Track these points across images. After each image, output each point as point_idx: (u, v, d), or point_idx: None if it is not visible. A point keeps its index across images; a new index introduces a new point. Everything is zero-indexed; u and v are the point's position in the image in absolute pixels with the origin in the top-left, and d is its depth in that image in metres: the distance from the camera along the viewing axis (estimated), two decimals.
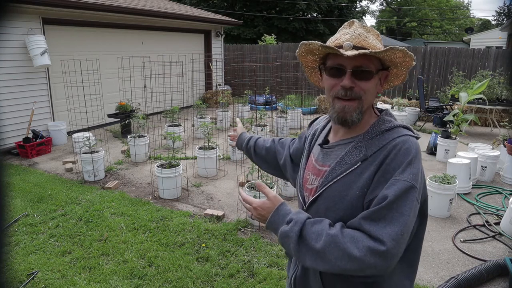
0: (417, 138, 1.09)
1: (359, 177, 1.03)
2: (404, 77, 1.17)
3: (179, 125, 6.94)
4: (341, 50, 1.02)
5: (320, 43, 1.06)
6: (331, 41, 1.11)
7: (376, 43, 1.07)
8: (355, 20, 1.12)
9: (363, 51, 1.00)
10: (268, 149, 1.55)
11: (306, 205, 1.17)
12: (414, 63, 1.09)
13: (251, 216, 1.15)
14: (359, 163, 1.05)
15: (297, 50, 1.17)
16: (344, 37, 1.06)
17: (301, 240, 1.01)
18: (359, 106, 1.07)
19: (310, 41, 1.09)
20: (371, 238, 0.94)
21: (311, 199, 1.14)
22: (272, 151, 1.54)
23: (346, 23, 1.14)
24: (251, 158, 1.65)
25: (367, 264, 0.92)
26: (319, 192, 1.11)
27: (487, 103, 7.57)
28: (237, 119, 1.92)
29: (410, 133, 1.08)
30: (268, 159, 1.56)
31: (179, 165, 4.57)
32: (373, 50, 1.02)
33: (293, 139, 1.52)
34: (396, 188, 0.96)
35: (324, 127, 1.28)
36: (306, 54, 1.17)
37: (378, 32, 1.12)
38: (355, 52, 1.00)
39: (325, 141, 1.21)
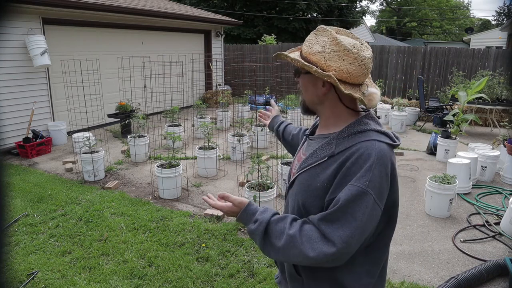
0: (394, 145, 1.15)
1: (323, 171, 1.13)
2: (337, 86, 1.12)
3: (179, 125, 6.94)
4: (284, 52, 1.22)
5: (287, 54, 1.22)
6: None
7: (316, 49, 1.14)
8: (323, 27, 1.19)
9: (279, 53, 1.23)
10: (294, 136, 1.72)
11: (288, 186, 1.31)
12: (297, 64, 1.17)
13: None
14: (326, 158, 1.14)
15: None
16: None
17: (266, 238, 1.15)
18: (302, 99, 1.27)
19: (280, 53, 1.24)
20: (325, 238, 1.05)
21: (290, 182, 1.30)
22: (297, 138, 1.70)
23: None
24: (279, 140, 1.84)
25: (320, 262, 1.06)
26: (294, 178, 1.25)
27: (490, 102, 7.57)
28: (272, 101, 2.07)
29: (381, 138, 1.12)
30: (293, 145, 1.73)
31: (179, 165, 4.57)
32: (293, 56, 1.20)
33: None
34: (349, 193, 1.04)
35: None
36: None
37: (335, 37, 1.12)
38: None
39: (312, 132, 1.35)
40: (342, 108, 1.19)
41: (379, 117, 8.36)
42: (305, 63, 1.13)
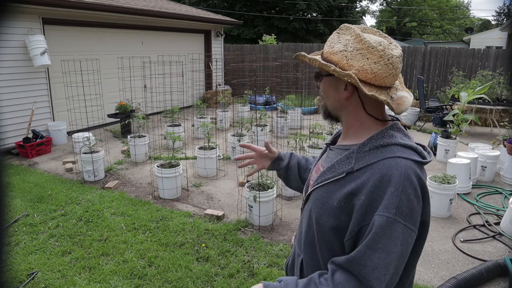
0: (423, 162, 1.03)
1: (340, 189, 1.02)
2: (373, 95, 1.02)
3: (179, 125, 6.94)
4: (302, 53, 1.14)
5: (304, 54, 1.14)
6: None
7: (337, 47, 1.04)
8: (346, 25, 1.09)
9: (298, 54, 1.15)
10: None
11: (304, 199, 1.24)
12: (316, 64, 1.07)
13: None
14: (344, 175, 1.03)
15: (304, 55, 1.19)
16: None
17: None
18: (324, 104, 1.18)
19: (299, 54, 1.15)
20: (363, 284, 0.94)
21: (306, 195, 1.21)
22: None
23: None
24: (290, 182, 1.55)
25: None
26: (310, 191, 1.16)
27: (492, 102, 7.57)
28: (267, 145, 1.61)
29: (407, 154, 1.00)
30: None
31: (179, 165, 4.57)
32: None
33: None
34: (378, 226, 0.92)
35: None
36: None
37: (358, 34, 1.02)
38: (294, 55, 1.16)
39: (333, 141, 1.24)
40: (365, 116, 1.08)
41: (409, 127, 7.83)
42: (323, 62, 1.03)
